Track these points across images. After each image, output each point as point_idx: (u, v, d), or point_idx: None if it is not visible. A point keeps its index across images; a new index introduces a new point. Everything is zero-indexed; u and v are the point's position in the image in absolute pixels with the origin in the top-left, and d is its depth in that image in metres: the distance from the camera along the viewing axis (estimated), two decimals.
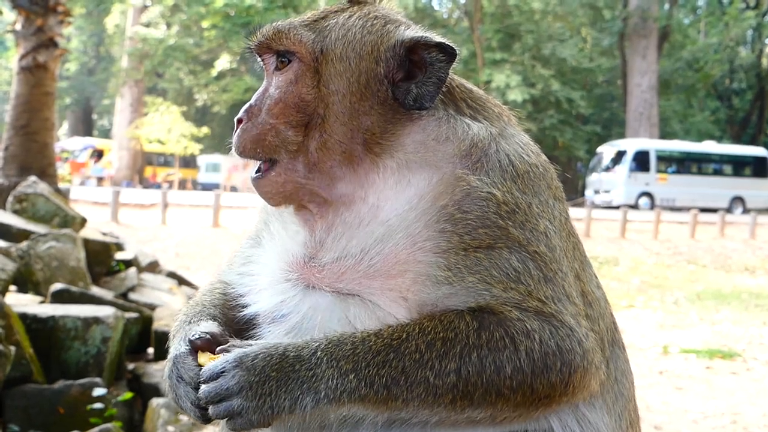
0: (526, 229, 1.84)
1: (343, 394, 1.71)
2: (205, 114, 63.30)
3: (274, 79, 1.98)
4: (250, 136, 1.94)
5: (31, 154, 11.99)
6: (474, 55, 49.88)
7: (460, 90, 2.04)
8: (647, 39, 52.76)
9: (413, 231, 1.84)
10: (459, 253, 1.79)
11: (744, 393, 10.05)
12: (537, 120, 51.36)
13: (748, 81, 65.73)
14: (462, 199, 1.83)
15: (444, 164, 1.88)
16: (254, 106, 1.96)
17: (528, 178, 1.92)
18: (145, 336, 7.89)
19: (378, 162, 1.91)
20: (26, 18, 12.06)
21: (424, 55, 1.93)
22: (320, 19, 1.99)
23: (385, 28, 1.98)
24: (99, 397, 6.06)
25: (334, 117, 1.91)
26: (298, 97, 1.92)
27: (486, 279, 1.78)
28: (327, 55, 1.93)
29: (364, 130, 1.91)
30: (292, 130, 1.91)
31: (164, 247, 19.75)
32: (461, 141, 1.90)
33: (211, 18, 50.60)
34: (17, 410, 6.00)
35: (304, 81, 1.93)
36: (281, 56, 1.98)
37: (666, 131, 56.40)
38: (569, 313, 1.81)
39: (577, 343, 1.77)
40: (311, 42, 1.93)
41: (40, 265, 8.04)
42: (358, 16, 1.99)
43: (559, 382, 1.74)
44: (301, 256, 1.96)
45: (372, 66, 1.93)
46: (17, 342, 6.04)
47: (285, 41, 1.96)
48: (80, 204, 21.99)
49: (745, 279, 22.76)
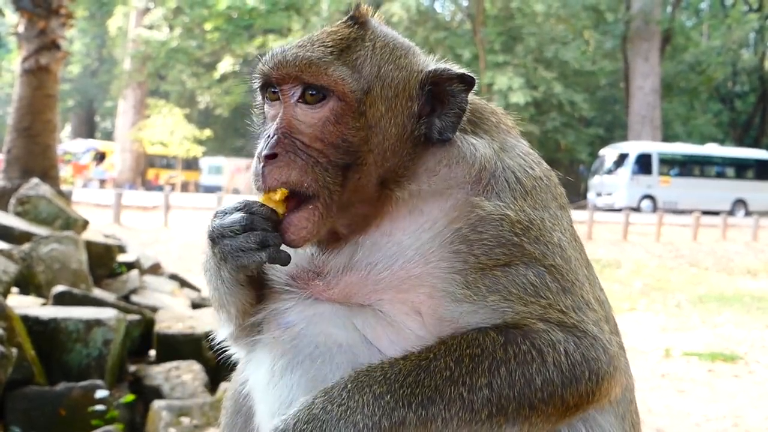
0: (540, 243, 1.84)
1: (383, 419, 1.67)
2: (207, 116, 63.32)
3: (301, 112, 1.86)
4: (292, 168, 1.82)
5: (33, 157, 12.00)
6: (476, 58, 49.87)
7: None
8: (650, 42, 52.77)
9: (426, 250, 1.82)
10: (476, 273, 1.79)
11: (746, 396, 10.03)
12: (539, 123, 51.35)
13: (750, 84, 65.75)
14: (476, 222, 1.82)
15: (455, 191, 1.87)
16: (285, 140, 1.84)
17: (536, 192, 1.92)
18: (146, 338, 7.88)
19: (392, 195, 1.88)
20: (29, 20, 12.08)
21: (447, 88, 1.91)
22: (345, 51, 1.88)
23: (409, 60, 1.94)
24: (101, 399, 6.06)
25: (374, 158, 1.85)
26: (341, 138, 1.84)
27: (506, 297, 1.78)
28: (370, 96, 1.85)
29: (392, 169, 1.88)
30: (333, 170, 1.83)
31: (166, 250, 19.75)
32: (471, 166, 1.89)
33: (213, 20, 50.70)
34: (19, 412, 6.00)
35: (346, 122, 1.84)
36: (312, 89, 1.86)
37: (668, 134, 56.37)
38: (591, 320, 1.82)
39: (603, 351, 1.78)
40: (353, 81, 1.84)
41: (42, 267, 8.04)
42: (381, 46, 1.92)
43: (587, 391, 1.75)
44: (306, 270, 1.94)
45: (407, 104, 1.90)
46: (19, 344, 6.04)
47: (322, 77, 1.84)
48: (82, 206, 21.99)
49: (748, 282, 22.72)
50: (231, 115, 56.46)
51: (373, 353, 1.81)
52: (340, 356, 1.83)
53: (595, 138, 57.22)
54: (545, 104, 51.97)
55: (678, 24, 58.19)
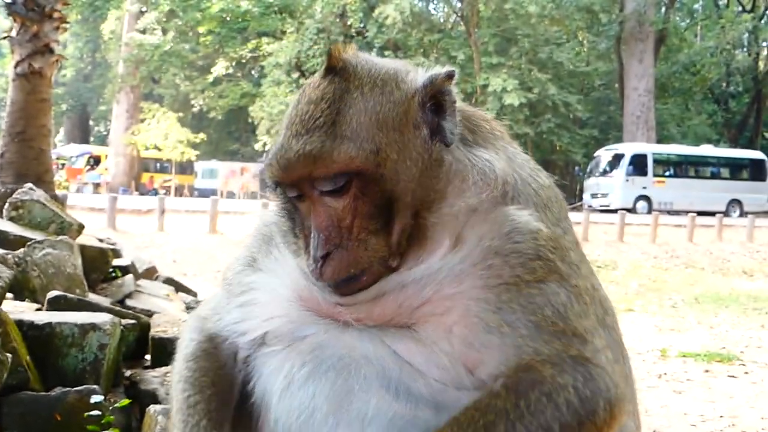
0: (565, 262, 1.82)
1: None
2: (201, 120, 63.30)
3: (329, 200, 1.80)
4: (345, 263, 1.78)
5: (27, 161, 11.95)
6: (471, 60, 49.91)
7: None
8: (644, 43, 52.87)
9: (458, 270, 1.78)
10: (511, 290, 1.75)
11: (743, 396, 10.04)
12: (534, 124, 51.41)
13: (744, 84, 65.87)
14: (510, 232, 1.78)
15: (486, 205, 1.83)
16: (329, 236, 1.79)
17: (551, 204, 1.91)
18: (142, 342, 7.84)
19: (426, 223, 1.83)
20: (22, 24, 12.03)
21: (442, 90, 1.87)
22: (338, 116, 1.79)
23: (401, 90, 1.86)
24: (96, 403, 6.03)
25: (404, 202, 1.80)
26: (373, 206, 1.78)
27: (539, 323, 1.74)
28: (380, 154, 1.78)
29: (423, 198, 1.83)
30: (375, 238, 1.79)
31: (161, 254, 19.72)
32: (494, 181, 1.85)
33: (207, 23, 50.68)
34: (14, 417, 5.97)
35: (372, 190, 1.78)
36: (328, 181, 1.79)
37: (663, 134, 56.47)
38: (600, 347, 1.79)
39: (609, 379, 1.75)
40: (360, 152, 1.76)
41: (37, 272, 8.00)
42: (369, 90, 1.83)
43: (602, 423, 1.71)
44: (320, 295, 1.88)
45: (416, 133, 1.83)
46: (14, 349, 6.01)
47: (332, 166, 1.76)
48: (77, 210, 21.93)
49: (743, 282, 22.78)
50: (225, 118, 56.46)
51: (403, 366, 1.77)
52: (368, 368, 1.78)
53: (590, 139, 57.27)
54: (540, 105, 52.03)
55: (672, 25, 58.29)
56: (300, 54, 47.72)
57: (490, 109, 44.30)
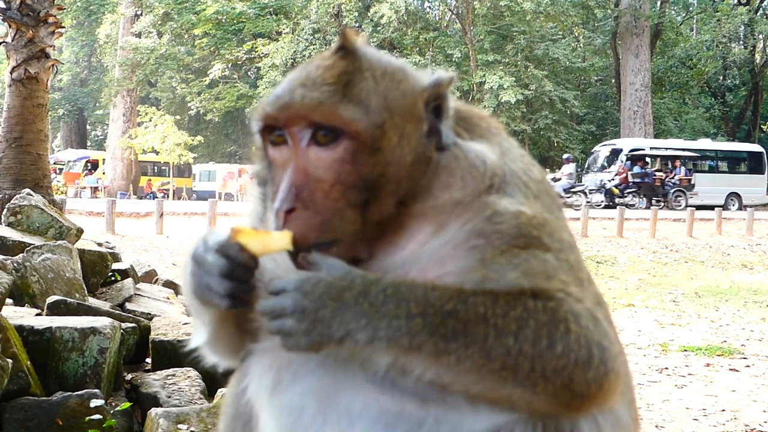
0: (554, 239, 1.82)
1: (403, 338, 1.63)
2: (198, 122, 63.27)
3: (314, 155, 1.79)
4: (314, 224, 1.77)
5: (25, 167, 11.94)
6: (467, 57, 49.91)
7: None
8: (640, 37, 52.87)
9: (441, 254, 1.78)
10: (495, 256, 1.75)
11: (744, 389, 10.04)
12: (531, 121, 51.42)
13: (741, 77, 65.90)
14: (491, 215, 1.79)
15: (470, 198, 1.83)
16: (301, 190, 1.78)
17: (542, 195, 1.91)
18: (142, 346, 7.84)
19: (410, 213, 1.83)
20: (17, 30, 12.02)
21: (443, 93, 1.89)
22: (349, 86, 1.80)
23: (409, 83, 1.88)
24: (97, 407, 6.02)
25: (391, 188, 1.81)
26: (358, 177, 1.78)
27: (527, 271, 1.74)
28: (382, 130, 1.79)
29: (409, 190, 1.83)
30: (353, 211, 1.78)
31: (161, 257, 19.71)
32: (483, 173, 1.86)
33: (202, 26, 50.64)
34: (15, 423, 5.97)
35: (362, 160, 1.78)
36: (323, 130, 1.79)
37: (661, 129, 56.50)
38: (602, 317, 1.79)
39: (612, 344, 1.75)
40: (364, 118, 1.77)
41: (36, 277, 8.00)
42: (381, 74, 1.85)
43: (593, 380, 1.68)
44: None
45: (418, 127, 1.85)
46: (14, 354, 6.01)
47: (333, 117, 1.77)
48: (75, 215, 21.91)
49: (743, 275, 22.79)
50: (222, 121, 56.44)
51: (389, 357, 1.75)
52: (353, 363, 1.77)
53: (588, 135, 57.28)
54: (536, 102, 52.04)
55: (667, 19, 58.28)
56: (296, 54, 47.70)
57: (486, 107, 44.38)
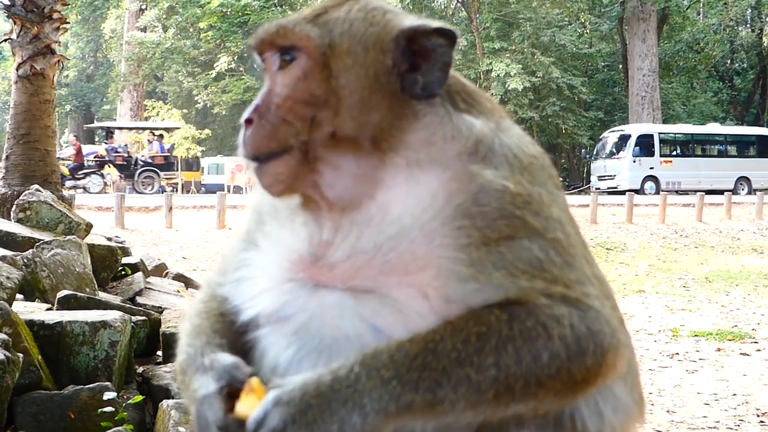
0: (541, 217, 1.83)
1: (390, 403, 1.66)
2: (206, 116, 63.27)
3: (279, 77, 1.92)
4: (262, 133, 1.88)
5: (33, 163, 11.98)
6: (473, 45, 49.77)
7: (455, 83, 2.00)
8: (646, 22, 52.57)
9: (429, 228, 1.80)
10: (481, 248, 1.77)
11: (756, 374, 10.03)
12: (539, 108, 51.24)
13: (749, 61, 65.46)
14: (477, 193, 1.80)
15: (453, 162, 1.85)
16: (261, 105, 1.90)
17: (533, 169, 1.90)
18: (153, 339, 7.87)
19: (385, 159, 1.86)
20: (22, 26, 12.04)
21: (426, 43, 1.89)
22: (321, 14, 1.93)
23: (386, 18, 1.93)
24: (109, 400, 6.05)
25: (344, 111, 1.85)
26: (307, 92, 1.87)
27: (512, 272, 1.76)
28: (335, 50, 1.87)
29: (373, 125, 1.86)
30: (302, 124, 1.86)
31: (170, 250, 19.76)
32: (467, 138, 1.87)
33: (207, 19, 50.62)
34: (28, 417, 6.00)
35: (312, 76, 1.87)
36: (285, 53, 1.92)
37: (669, 114, 56.19)
38: (593, 295, 1.81)
39: (606, 323, 1.78)
40: (318, 37, 1.88)
41: (46, 272, 8.02)
42: (357, 8, 1.94)
43: (594, 364, 1.73)
44: (306, 255, 1.90)
45: (379, 58, 1.88)
46: (25, 349, 6.03)
47: (290, 37, 1.90)
48: (85, 210, 21.99)
49: (754, 259, 22.70)
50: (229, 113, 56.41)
51: (383, 342, 1.77)
52: (349, 347, 1.78)
53: (596, 121, 57.04)
54: (544, 89, 51.82)
55: (674, 3, 57.86)
56: None
57: (494, 94, 44.25)
